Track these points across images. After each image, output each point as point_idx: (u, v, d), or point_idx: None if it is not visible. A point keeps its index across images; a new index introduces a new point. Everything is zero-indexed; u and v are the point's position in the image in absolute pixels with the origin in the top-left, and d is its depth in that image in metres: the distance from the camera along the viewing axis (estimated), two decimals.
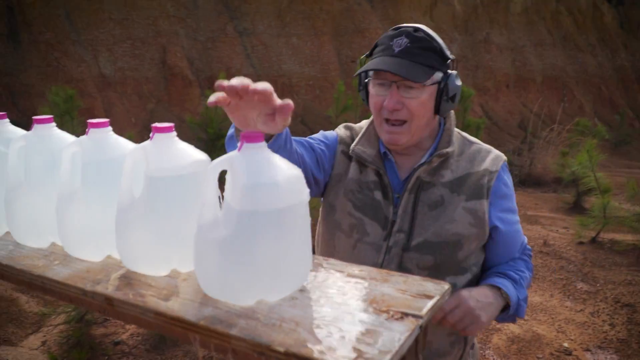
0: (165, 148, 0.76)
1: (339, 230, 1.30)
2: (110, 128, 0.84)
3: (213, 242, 0.67)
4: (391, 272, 0.78)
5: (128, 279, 0.78)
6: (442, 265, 1.22)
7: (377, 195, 1.27)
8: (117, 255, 0.81)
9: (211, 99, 0.79)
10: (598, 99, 13.57)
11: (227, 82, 0.78)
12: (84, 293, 0.75)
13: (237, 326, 0.63)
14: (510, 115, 11.95)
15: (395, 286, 0.73)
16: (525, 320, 3.55)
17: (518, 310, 1.26)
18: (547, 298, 3.89)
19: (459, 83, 1.23)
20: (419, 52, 1.18)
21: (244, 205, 0.66)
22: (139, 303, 0.70)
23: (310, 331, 0.62)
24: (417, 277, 0.75)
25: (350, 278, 0.76)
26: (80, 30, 8.22)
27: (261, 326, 0.63)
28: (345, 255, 1.28)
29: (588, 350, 3.22)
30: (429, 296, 0.69)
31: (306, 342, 0.59)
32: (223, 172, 0.70)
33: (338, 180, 1.31)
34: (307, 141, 1.30)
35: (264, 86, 0.79)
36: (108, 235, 0.79)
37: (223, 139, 0.92)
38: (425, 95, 1.20)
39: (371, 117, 1.37)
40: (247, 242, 0.66)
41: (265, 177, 0.67)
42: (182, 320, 0.66)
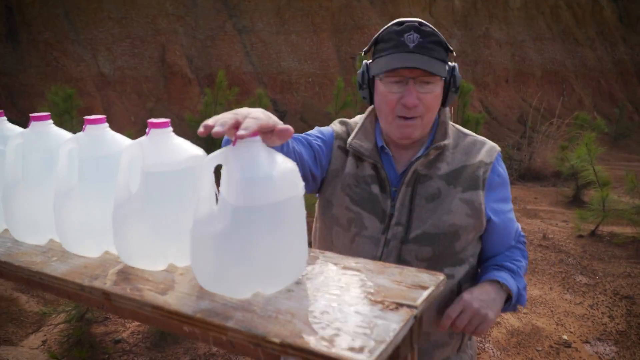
0: (161, 143, 0.76)
1: (337, 225, 1.30)
2: (106, 124, 0.85)
3: (209, 237, 0.68)
4: (387, 264, 0.78)
5: (125, 274, 0.78)
6: (441, 256, 1.23)
7: (375, 189, 1.27)
8: (115, 250, 0.81)
9: (200, 130, 0.69)
10: (597, 93, 13.56)
11: (215, 129, 0.68)
12: (82, 288, 0.76)
13: (234, 318, 0.64)
14: (509, 109, 11.95)
15: (390, 277, 0.73)
16: (524, 313, 3.56)
17: (519, 299, 1.29)
18: (547, 291, 3.90)
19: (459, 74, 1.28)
20: (432, 47, 1.20)
21: (239, 199, 0.66)
22: (137, 297, 0.71)
23: (305, 322, 0.62)
24: (413, 269, 0.76)
25: (346, 270, 0.77)
26: (79, 29, 8.22)
27: (257, 318, 0.64)
28: (343, 249, 1.28)
29: (587, 342, 3.23)
30: (424, 287, 0.70)
31: (302, 333, 0.60)
32: (219, 167, 0.70)
33: (335, 175, 1.31)
34: (305, 138, 1.30)
35: (256, 124, 0.70)
36: (105, 231, 0.79)
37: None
38: (438, 88, 1.23)
39: (366, 112, 1.37)
40: (243, 236, 0.67)
41: (260, 171, 0.67)
42: (179, 313, 0.67)
